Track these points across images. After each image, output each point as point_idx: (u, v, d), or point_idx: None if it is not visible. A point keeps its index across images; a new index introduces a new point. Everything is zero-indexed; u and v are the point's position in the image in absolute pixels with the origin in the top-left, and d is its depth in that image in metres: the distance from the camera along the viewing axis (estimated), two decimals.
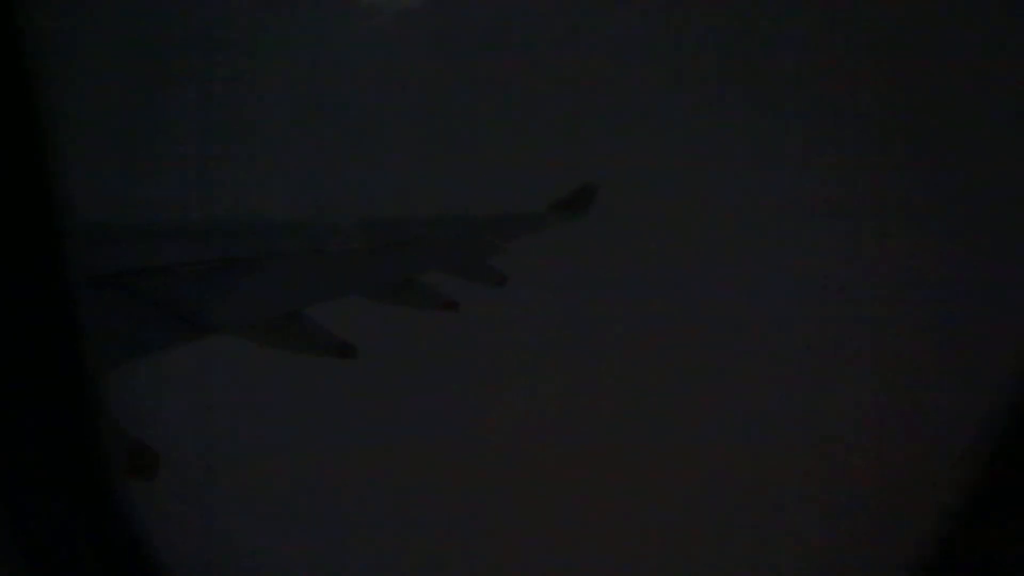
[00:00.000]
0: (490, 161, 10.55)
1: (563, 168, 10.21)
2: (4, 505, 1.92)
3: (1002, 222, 9.19)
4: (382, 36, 11.45)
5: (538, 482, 8.09)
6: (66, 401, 2.00)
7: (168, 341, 3.75)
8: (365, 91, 11.21)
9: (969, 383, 8.04)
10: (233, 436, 7.39)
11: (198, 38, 10.06)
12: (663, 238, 10.24)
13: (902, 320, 9.24)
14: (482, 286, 6.34)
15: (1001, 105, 9.46)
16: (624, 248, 10.14)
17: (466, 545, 7.43)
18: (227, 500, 7.06)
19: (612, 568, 7.51)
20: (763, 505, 7.83)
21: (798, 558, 7.28)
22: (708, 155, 10.85)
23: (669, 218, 10.36)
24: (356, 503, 7.63)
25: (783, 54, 10.61)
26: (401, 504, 7.72)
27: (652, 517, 7.91)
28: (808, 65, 10.46)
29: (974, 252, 9.23)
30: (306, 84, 10.73)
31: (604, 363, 9.21)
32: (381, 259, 5.73)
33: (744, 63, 10.78)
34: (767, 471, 8.09)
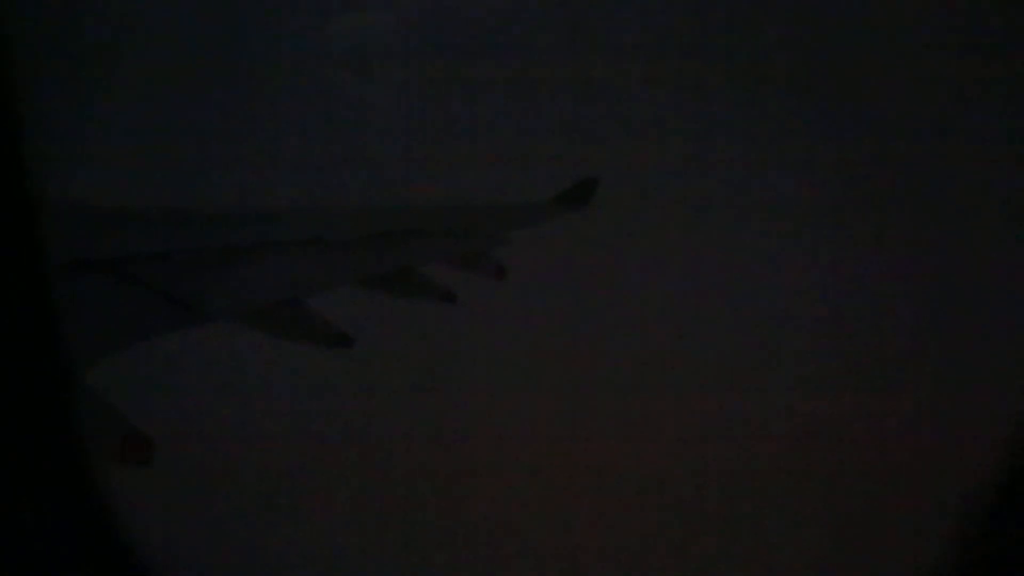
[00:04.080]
0: (491, 153, 10.53)
1: (564, 160, 10.21)
2: None
3: (1005, 221, 9.19)
4: (384, 28, 11.43)
5: (536, 478, 8.10)
6: (45, 392, 2.00)
7: (165, 327, 3.76)
8: (366, 81, 11.20)
9: (978, 384, 8.05)
10: (228, 424, 7.39)
11: (199, 30, 10.04)
12: (663, 232, 10.24)
13: (909, 320, 9.25)
14: (481, 278, 6.34)
15: (1002, 106, 9.45)
16: (624, 241, 10.14)
17: (464, 542, 7.44)
18: (221, 489, 7.06)
19: (614, 568, 7.52)
20: (774, 510, 7.83)
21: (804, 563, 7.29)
22: (709, 150, 10.85)
23: (669, 212, 10.36)
24: (352, 495, 7.64)
25: (785, 51, 10.60)
26: (397, 498, 7.73)
27: (654, 515, 7.92)
28: (810, 62, 10.45)
29: (980, 251, 9.23)
30: (306, 74, 10.71)
31: (604, 357, 9.21)
32: (379, 249, 5.73)
33: (746, 59, 10.77)
34: (776, 473, 8.10)
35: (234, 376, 7.27)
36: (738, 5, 11.04)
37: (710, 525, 7.70)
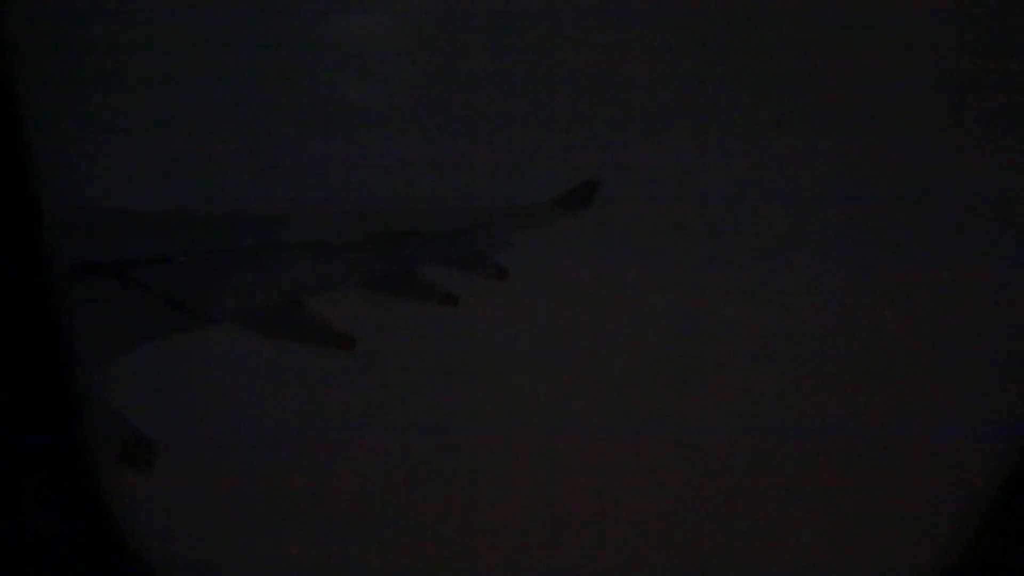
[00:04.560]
0: (492, 155, 10.54)
1: (565, 163, 10.21)
2: None
3: (1006, 221, 9.19)
4: (385, 29, 11.44)
5: (537, 479, 8.10)
6: (47, 394, 2.00)
7: (167, 331, 3.77)
8: (366, 83, 11.20)
9: (978, 384, 8.04)
10: (230, 427, 7.40)
11: (200, 31, 10.04)
12: (665, 234, 10.23)
13: (910, 320, 9.24)
14: (482, 280, 6.34)
15: (1000, 105, 9.45)
16: (625, 244, 10.13)
17: (464, 543, 7.44)
18: (223, 492, 7.07)
19: (614, 568, 7.52)
20: (774, 510, 7.83)
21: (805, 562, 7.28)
22: (710, 152, 10.85)
23: (671, 214, 10.36)
24: (353, 497, 7.65)
25: (785, 52, 10.60)
26: (398, 500, 7.73)
27: (655, 515, 7.92)
28: (811, 63, 10.45)
29: (980, 251, 9.23)
30: (305, 75, 10.72)
31: (605, 360, 9.21)
32: (380, 251, 5.74)
33: (746, 61, 10.78)
34: (776, 473, 8.10)
35: (236, 379, 7.27)
36: (738, 5, 11.04)
37: (711, 525, 7.70)
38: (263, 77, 10.40)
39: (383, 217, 6.79)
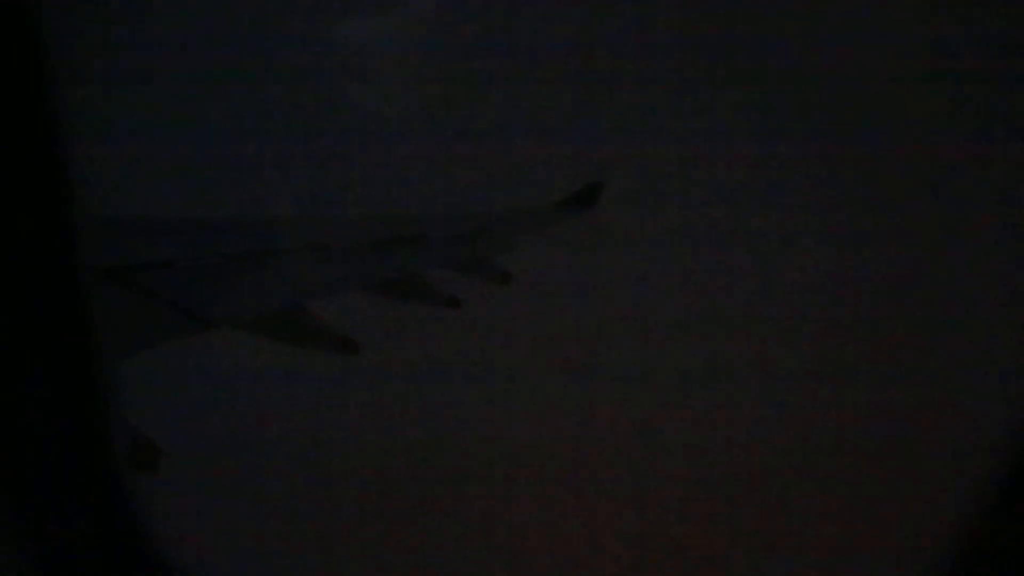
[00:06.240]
0: (495, 158, 10.55)
1: (568, 166, 10.21)
2: (11, 497, 1.93)
3: (1005, 221, 9.18)
4: (388, 32, 11.47)
5: (540, 481, 8.10)
6: (76, 393, 2.02)
7: (171, 335, 3.78)
8: (370, 86, 11.22)
9: (978, 383, 8.03)
10: (235, 430, 7.41)
11: (203, 35, 10.07)
12: (669, 236, 10.23)
13: (909, 320, 9.23)
14: (485, 283, 6.34)
15: (1002, 106, 9.44)
16: (628, 246, 10.13)
17: (465, 545, 7.45)
18: (228, 495, 7.08)
19: (617, 568, 7.52)
20: (775, 510, 7.81)
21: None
22: (714, 153, 10.85)
23: (673, 217, 10.35)
24: (357, 499, 7.65)
25: (785, 53, 10.60)
26: (401, 503, 7.74)
27: (657, 516, 7.91)
28: (810, 64, 10.45)
29: (980, 251, 9.22)
30: (310, 79, 10.74)
31: (609, 362, 9.20)
32: (384, 255, 5.74)
33: (748, 62, 10.78)
34: (777, 473, 8.09)
35: (240, 383, 7.29)
36: (739, 5, 11.05)
37: (712, 526, 7.69)
38: (267, 83, 10.42)
39: (387, 221, 6.80)
